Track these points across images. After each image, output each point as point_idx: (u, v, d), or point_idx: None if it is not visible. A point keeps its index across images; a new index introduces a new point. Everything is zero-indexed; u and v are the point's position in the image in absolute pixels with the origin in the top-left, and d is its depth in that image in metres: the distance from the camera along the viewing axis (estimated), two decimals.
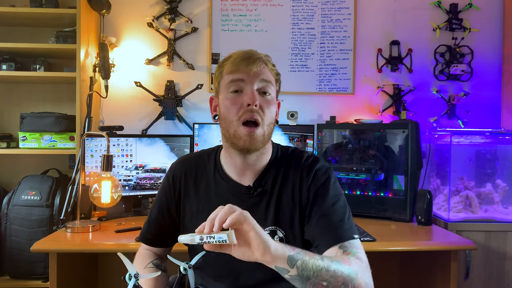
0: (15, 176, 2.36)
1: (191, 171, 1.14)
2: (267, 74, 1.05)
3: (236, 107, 1.02)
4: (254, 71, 1.03)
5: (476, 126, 2.57)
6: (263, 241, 0.81)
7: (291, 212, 1.06)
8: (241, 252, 0.83)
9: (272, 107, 1.05)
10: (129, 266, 0.77)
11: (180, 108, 2.56)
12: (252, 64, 1.03)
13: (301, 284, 0.84)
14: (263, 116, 1.02)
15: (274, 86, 1.08)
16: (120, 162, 2.12)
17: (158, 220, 1.16)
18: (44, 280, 2.03)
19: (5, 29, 2.46)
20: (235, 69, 1.03)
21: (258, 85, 1.04)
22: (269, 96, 1.05)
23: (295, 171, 1.09)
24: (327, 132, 2.29)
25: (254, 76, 1.03)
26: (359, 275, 0.88)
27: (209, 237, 0.78)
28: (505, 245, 1.99)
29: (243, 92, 1.03)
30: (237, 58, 1.04)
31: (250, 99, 1.01)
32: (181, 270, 0.83)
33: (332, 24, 2.60)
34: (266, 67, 1.06)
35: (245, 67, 1.03)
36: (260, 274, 1.05)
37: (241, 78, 1.03)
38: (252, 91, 1.02)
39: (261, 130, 1.02)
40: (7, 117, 2.50)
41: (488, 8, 2.61)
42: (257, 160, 1.08)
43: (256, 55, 1.06)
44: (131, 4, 2.54)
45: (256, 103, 1.01)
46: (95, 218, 2.03)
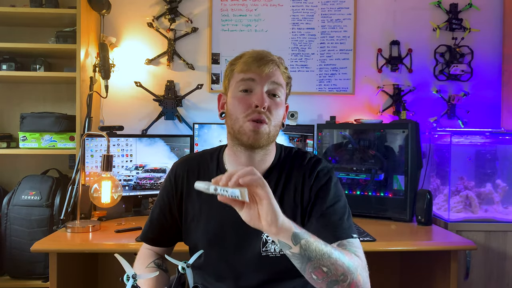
0: (15, 176, 2.37)
1: (193, 171, 1.14)
2: (279, 77, 1.05)
3: (244, 106, 1.02)
4: (266, 72, 1.02)
5: (476, 126, 2.57)
6: (274, 211, 0.81)
7: (293, 213, 1.06)
8: (249, 216, 0.82)
9: (280, 109, 1.05)
10: (127, 267, 0.77)
11: (180, 108, 2.56)
12: (265, 65, 1.02)
13: (301, 264, 0.85)
14: (270, 117, 1.02)
15: (284, 89, 1.07)
16: (120, 162, 2.12)
17: (160, 219, 1.16)
18: (44, 280, 2.04)
19: (5, 29, 2.46)
20: (247, 69, 1.03)
21: (269, 87, 1.03)
22: (278, 99, 1.05)
23: (298, 172, 1.09)
24: (327, 132, 2.29)
25: (265, 77, 1.02)
26: (358, 271, 0.88)
27: (223, 190, 0.78)
28: (505, 245, 1.99)
29: (252, 92, 1.03)
30: (250, 58, 1.04)
31: (258, 100, 1.01)
32: (179, 270, 0.83)
33: (332, 24, 2.60)
34: (278, 69, 1.05)
35: (257, 67, 1.02)
36: (261, 275, 1.05)
37: (252, 78, 1.02)
38: (261, 93, 1.02)
39: (267, 128, 1.02)
40: (7, 117, 2.50)
41: (488, 8, 2.61)
42: (261, 161, 1.08)
43: (269, 56, 1.05)
44: (131, 4, 2.54)
45: (264, 105, 1.00)
46: (95, 218, 2.03)
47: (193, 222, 1.10)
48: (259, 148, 1.05)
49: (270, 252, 1.04)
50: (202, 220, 1.09)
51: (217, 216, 1.07)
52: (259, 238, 1.05)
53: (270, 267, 1.04)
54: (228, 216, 1.06)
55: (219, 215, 1.07)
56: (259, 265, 1.04)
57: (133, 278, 0.76)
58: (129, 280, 0.76)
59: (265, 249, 1.04)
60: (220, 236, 1.07)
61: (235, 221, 1.05)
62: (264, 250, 1.04)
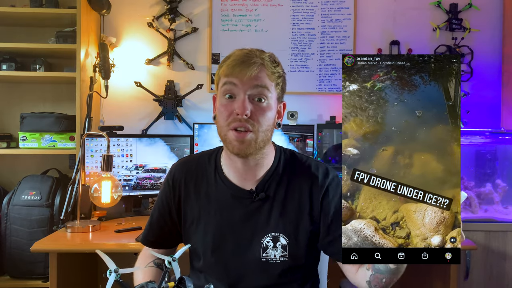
0: (15, 176, 2.36)
1: (191, 174, 1.12)
2: (263, 79, 0.99)
3: (227, 114, 0.99)
4: (248, 76, 0.97)
5: (476, 126, 2.56)
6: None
7: (296, 220, 1.05)
8: None
9: (267, 113, 1.01)
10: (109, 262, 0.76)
11: (180, 108, 2.56)
12: (246, 68, 0.97)
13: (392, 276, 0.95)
14: (255, 124, 0.98)
15: (272, 90, 1.02)
16: (120, 162, 2.12)
17: (160, 222, 1.15)
18: (44, 280, 2.03)
19: (5, 29, 2.46)
20: (229, 73, 0.99)
21: (252, 91, 0.98)
22: (265, 103, 1.00)
23: (303, 179, 1.08)
24: (327, 132, 2.29)
25: (248, 81, 0.98)
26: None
27: None
28: (505, 245, 1.99)
29: (236, 98, 0.99)
30: (233, 61, 0.99)
31: (239, 108, 0.97)
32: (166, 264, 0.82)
33: (332, 24, 2.60)
34: (264, 70, 1.00)
35: (239, 72, 0.98)
36: (260, 280, 1.05)
37: (234, 82, 0.98)
38: (243, 100, 0.97)
39: (253, 136, 0.98)
40: (7, 117, 2.50)
41: (488, 8, 2.61)
42: (258, 165, 1.06)
43: (252, 58, 0.99)
44: (131, 4, 2.54)
45: (246, 112, 0.97)
46: (95, 218, 2.03)
47: (192, 226, 1.09)
48: (249, 156, 1.02)
49: (270, 258, 1.04)
50: (201, 223, 1.08)
51: (216, 220, 1.07)
52: (259, 243, 1.04)
53: (270, 273, 1.04)
54: (227, 220, 1.06)
55: (219, 219, 1.06)
56: (259, 270, 1.04)
57: (115, 272, 0.75)
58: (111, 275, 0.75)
59: (265, 255, 1.04)
60: (219, 240, 1.06)
61: (234, 225, 1.05)
62: (264, 256, 1.04)
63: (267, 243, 1.04)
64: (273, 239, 1.04)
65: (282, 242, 1.04)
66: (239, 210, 1.06)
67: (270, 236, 1.04)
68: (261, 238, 1.04)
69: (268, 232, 1.04)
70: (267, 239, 1.04)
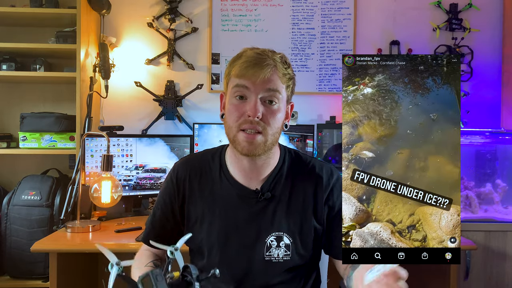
0: (15, 176, 2.36)
1: (195, 172, 1.12)
2: (275, 82, 1.00)
3: (238, 115, 0.99)
4: (261, 78, 0.97)
5: (476, 126, 2.56)
6: None
7: (300, 220, 1.06)
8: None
9: (277, 115, 1.01)
10: (109, 255, 0.75)
11: (180, 108, 2.56)
12: (260, 71, 0.97)
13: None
14: (265, 126, 0.99)
15: (283, 93, 1.02)
16: (120, 162, 2.12)
17: (162, 222, 1.14)
18: (44, 280, 2.03)
19: (5, 29, 2.46)
20: (241, 74, 0.99)
21: (264, 94, 0.99)
22: (275, 106, 1.01)
23: (308, 179, 1.09)
24: (327, 132, 2.29)
25: (260, 84, 0.98)
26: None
27: None
28: (505, 245, 1.99)
29: (247, 100, 0.99)
30: (246, 62, 0.99)
31: (251, 110, 0.97)
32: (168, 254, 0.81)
33: (332, 24, 2.60)
34: (276, 73, 1.00)
35: (252, 74, 0.98)
36: (264, 280, 1.05)
37: (246, 85, 0.99)
38: (255, 102, 0.98)
39: (262, 138, 0.99)
40: (7, 117, 2.50)
41: (488, 8, 2.61)
42: (264, 164, 1.07)
43: (265, 60, 0.99)
44: (131, 4, 2.54)
45: (258, 115, 0.97)
46: (95, 218, 2.03)
47: (196, 225, 1.09)
48: (258, 156, 1.03)
49: (273, 257, 1.04)
50: (205, 222, 1.08)
51: (221, 219, 1.07)
52: (263, 242, 1.04)
53: (273, 272, 1.04)
54: (233, 219, 1.06)
55: (224, 219, 1.06)
56: (262, 269, 1.04)
57: (117, 265, 0.74)
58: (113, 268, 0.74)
59: (269, 254, 1.04)
60: (224, 239, 1.06)
61: (239, 225, 1.05)
62: (268, 255, 1.04)
63: (270, 242, 1.04)
64: (277, 238, 1.04)
65: (285, 242, 1.04)
66: (244, 210, 1.06)
67: (274, 236, 1.04)
68: (265, 237, 1.04)
69: (272, 231, 1.05)
70: (271, 238, 1.04)
